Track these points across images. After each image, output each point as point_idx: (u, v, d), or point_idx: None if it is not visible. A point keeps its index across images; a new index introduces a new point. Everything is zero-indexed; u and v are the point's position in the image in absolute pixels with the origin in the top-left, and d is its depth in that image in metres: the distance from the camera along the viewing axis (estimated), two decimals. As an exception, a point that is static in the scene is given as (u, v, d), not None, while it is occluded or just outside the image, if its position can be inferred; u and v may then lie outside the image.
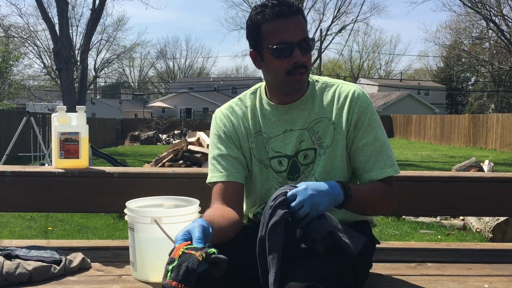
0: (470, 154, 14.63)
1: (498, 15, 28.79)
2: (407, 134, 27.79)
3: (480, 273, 1.79)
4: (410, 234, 4.91)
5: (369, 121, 1.54)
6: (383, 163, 1.52)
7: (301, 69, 1.47)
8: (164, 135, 25.40)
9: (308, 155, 1.57)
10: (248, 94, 1.66)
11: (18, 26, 31.56)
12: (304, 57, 1.47)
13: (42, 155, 8.84)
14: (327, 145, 1.55)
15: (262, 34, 1.48)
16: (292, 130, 1.57)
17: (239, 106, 1.65)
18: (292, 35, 1.44)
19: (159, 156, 7.37)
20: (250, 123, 1.61)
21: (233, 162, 1.58)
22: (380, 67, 63.94)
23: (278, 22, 1.45)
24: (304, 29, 1.48)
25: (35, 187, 2.06)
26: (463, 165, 6.58)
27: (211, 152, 1.62)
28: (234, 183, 1.56)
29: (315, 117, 1.56)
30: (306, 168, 1.57)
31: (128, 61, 58.79)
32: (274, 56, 1.47)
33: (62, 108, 2.15)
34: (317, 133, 1.56)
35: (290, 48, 1.45)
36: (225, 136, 1.61)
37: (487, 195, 2.14)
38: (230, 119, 1.63)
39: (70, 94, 15.24)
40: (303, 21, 1.49)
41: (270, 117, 1.59)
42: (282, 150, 1.57)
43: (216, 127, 1.64)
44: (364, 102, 1.55)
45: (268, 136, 1.59)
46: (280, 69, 1.48)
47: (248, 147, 1.61)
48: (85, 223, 5.32)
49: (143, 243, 1.66)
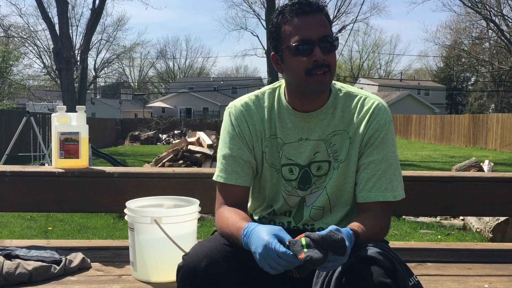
0: (470, 154, 14.63)
1: (498, 15, 28.80)
2: (407, 134, 27.79)
3: (480, 273, 1.79)
4: (410, 234, 4.91)
5: (383, 139, 1.48)
6: (384, 186, 1.46)
7: (323, 68, 1.40)
8: (164, 135, 25.40)
9: (322, 167, 1.52)
10: (267, 93, 1.57)
11: (18, 26, 31.59)
12: (325, 56, 1.39)
13: (42, 155, 8.83)
14: (341, 159, 1.50)
15: (282, 35, 1.43)
16: (308, 140, 1.51)
17: (256, 105, 1.55)
18: (312, 32, 1.38)
19: (159, 156, 7.38)
20: (266, 126, 1.54)
21: (243, 166, 1.52)
22: (380, 67, 64.00)
23: (297, 20, 1.40)
24: (326, 26, 1.41)
25: (35, 187, 2.06)
26: (463, 165, 6.58)
27: (222, 150, 1.55)
28: (242, 187, 1.52)
29: (333, 129, 1.50)
30: (318, 180, 1.53)
31: (128, 61, 58.83)
32: (293, 55, 1.40)
33: (62, 108, 2.15)
34: (334, 146, 1.50)
35: (310, 46, 1.38)
36: (238, 136, 1.53)
37: (487, 195, 2.14)
38: (245, 118, 1.54)
39: (70, 94, 15.25)
40: (325, 20, 1.42)
41: (287, 122, 1.52)
42: (294, 158, 1.52)
43: (230, 124, 1.55)
44: (383, 119, 1.49)
45: (282, 142, 1.53)
46: (300, 68, 1.40)
47: (261, 151, 1.55)
48: (85, 223, 5.31)
49: (143, 243, 1.67)
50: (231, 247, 1.35)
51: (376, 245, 1.31)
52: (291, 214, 1.58)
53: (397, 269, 1.25)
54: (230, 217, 1.41)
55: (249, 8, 35.45)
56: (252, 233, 1.24)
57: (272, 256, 1.15)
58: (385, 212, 1.47)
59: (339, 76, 52.93)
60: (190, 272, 1.28)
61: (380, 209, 1.46)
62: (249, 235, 1.25)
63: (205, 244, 1.36)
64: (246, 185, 1.53)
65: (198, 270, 1.27)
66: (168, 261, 1.63)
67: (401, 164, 1.55)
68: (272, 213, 1.60)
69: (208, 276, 1.27)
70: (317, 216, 1.56)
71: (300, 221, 1.57)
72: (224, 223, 1.42)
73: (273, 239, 1.17)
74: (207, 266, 1.27)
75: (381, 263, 1.23)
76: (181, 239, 1.60)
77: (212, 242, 1.37)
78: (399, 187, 1.49)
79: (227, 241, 1.38)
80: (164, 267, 1.65)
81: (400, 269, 1.26)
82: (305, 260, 1.11)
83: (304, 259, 1.11)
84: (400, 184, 1.50)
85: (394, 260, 1.27)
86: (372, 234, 1.37)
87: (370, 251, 1.27)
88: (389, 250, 1.31)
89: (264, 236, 1.19)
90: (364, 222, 1.38)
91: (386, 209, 1.47)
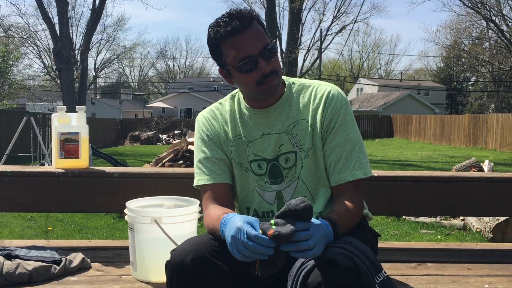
0: (470, 154, 14.63)
1: (498, 15, 28.79)
2: (407, 134, 27.78)
3: (480, 273, 1.79)
4: (410, 234, 4.91)
5: (342, 121, 1.53)
6: (352, 165, 1.51)
7: (270, 76, 1.47)
8: (164, 135, 25.40)
9: (289, 158, 1.56)
10: (228, 99, 1.67)
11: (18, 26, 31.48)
12: (270, 64, 1.46)
13: (42, 155, 8.83)
14: (308, 147, 1.55)
15: (224, 53, 1.48)
16: (270, 134, 1.57)
17: (220, 110, 1.66)
18: (251, 48, 1.44)
19: (159, 156, 7.38)
20: (230, 127, 1.62)
21: (219, 164, 1.59)
22: (380, 67, 63.99)
23: (234, 39, 1.44)
24: (262, 36, 1.47)
25: (35, 187, 2.06)
26: (463, 165, 6.58)
27: (196, 156, 1.63)
28: (223, 185, 1.58)
29: (292, 120, 1.56)
30: (289, 172, 1.57)
31: (128, 61, 58.76)
32: (240, 73, 1.47)
33: (62, 108, 2.15)
34: (296, 136, 1.56)
35: (254, 61, 1.44)
36: (208, 139, 1.62)
37: (487, 195, 2.14)
38: (211, 122, 1.64)
39: (70, 94, 15.26)
40: (260, 28, 1.47)
41: (249, 121, 1.60)
42: (261, 153, 1.58)
43: (199, 130, 1.65)
44: (338, 102, 1.55)
45: (247, 140, 1.59)
46: (250, 82, 1.48)
47: (229, 151, 1.62)
48: (85, 223, 5.31)
49: (143, 243, 1.67)
50: (218, 242, 1.38)
51: (339, 242, 1.30)
52: (274, 213, 1.58)
53: (361, 267, 1.24)
54: (214, 214, 1.46)
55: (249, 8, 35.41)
56: (228, 221, 1.29)
57: (241, 239, 1.20)
58: (357, 192, 1.51)
59: (339, 76, 52.94)
60: (177, 267, 1.31)
61: (353, 189, 1.50)
62: (226, 223, 1.30)
63: (192, 239, 1.42)
64: (226, 182, 1.59)
65: (185, 264, 1.30)
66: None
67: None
68: (255, 215, 1.60)
69: (195, 270, 1.30)
70: None
71: None
72: (209, 220, 1.46)
73: (246, 225, 1.22)
74: (193, 260, 1.30)
75: (342, 263, 1.23)
76: (181, 239, 1.60)
77: (199, 238, 1.43)
78: (367, 164, 1.54)
79: (214, 237, 1.41)
80: (164, 267, 1.64)
81: (364, 267, 1.25)
82: (274, 235, 1.15)
83: (273, 235, 1.15)
84: (367, 162, 1.55)
85: (357, 259, 1.26)
86: (349, 218, 1.43)
87: (331, 252, 1.26)
88: (353, 248, 1.29)
89: (238, 222, 1.24)
90: (338, 208, 1.43)
91: (358, 189, 1.52)
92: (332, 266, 1.23)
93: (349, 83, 50.50)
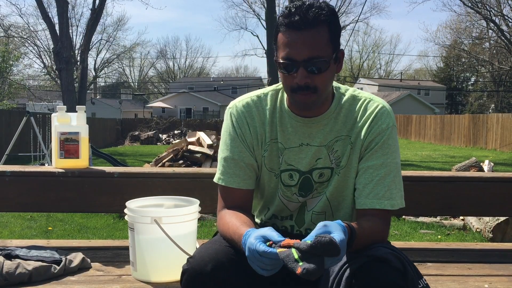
0: (470, 154, 14.62)
1: (498, 15, 28.80)
2: (407, 134, 27.79)
3: (480, 273, 1.79)
4: (410, 234, 4.91)
5: (383, 144, 1.43)
6: (382, 193, 1.41)
7: (304, 91, 1.35)
8: (164, 135, 25.39)
9: (324, 174, 1.48)
10: (270, 94, 1.52)
11: (18, 26, 31.58)
12: (309, 78, 1.33)
13: (42, 155, 8.83)
14: (343, 165, 1.47)
15: (277, 44, 1.38)
16: (309, 145, 1.47)
17: (257, 106, 1.51)
18: (297, 52, 1.32)
19: (159, 156, 7.37)
20: (267, 129, 1.49)
21: (245, 169, 1.49)
22: (380, 67, 64.00)
23: (287, 35, 1.33)
24: (316, 46, 1.32)
25: (35, 187, 2.06)
26: (463, 165, 6.58)
27: (223, 152, 1.52)
28: (244, 191, 1.50)
29: (336, 135, 1.46)
30: (320, 186, 1.50)
31: (128, 61, 58.80)
32: (280, 70, 1.38)
33: (62, 108, 2.15)
34: (336, 152, 1.47)
35: (295, 66, 1.34)
36: (239, 138, 1.50)
37: (487, 195, 2.14)
38: (246, 120, 1.50)
39: (70, 94, 15.24)
40: (323, 35, 1.33)
41: (288, 126, 1.48)
42: (295, 164, 1.49)
43: (231, 125, 1.51)
44: (385, 123, 1.44)
45: (283, 147, 1.49)
46: (286, 84, 1.39)
47: (260, 155, 1.51)
48: (85, 223, 5.31)
49: (143, 243, 1.66)
50: (235, 249, 1.33)
51: (387, 245, 1.30)
52: (293, 218, 1.56)
53: (408, 270, 1.24)
54: (230, 222, 1.39)
55: (249, 8, 35.50)
56: (246, 239, 1.22)
57: (256, 257, 1.14)
58: (382, 220, 1.41)
59: (339, 76, 52.92)
60: (196, 275, 1.25)
61: (378, 216, 1.41)
62: (245, 242, 1.23)
63: (210, 246, 1.34)
64: (249, 188, 1.51)
65: (204, 274, 1.24)
66: (168, 261, 1.63)
67: (401, 164, 1.54)
68: (274, 217, 1.58)
69: (214, 279, 1.24)
70: (318, 220, 1.53)
71: (302, 225, 1.55)
72: (225, 227, 1.40)
73: (257, 240, 1.15)
74: (213, 269, 1.25)
75: (392, 264, 1.22)
76: (181, 239, 1.60)
77: (218, 245, 1.35)
78: (398, 195, 1.44)
79: (229, 244, 1.36)
80: (164, 267, 1.65)
81: (411, 271, 1.25)
82: (302, 274, 1.07)
83: (302, 273, 1.07)
84: (400, 192, 1.45)
85: (405, 261, 1.26)
86: (370, 233, 1.33)
87: (382, 251, 1.25)
88: (399, 251, 1.29)
89: (252, 239, 1.17)
90: (360, 222, 1.34)
91: (383, 217, 1.42)
92: (383, 264, 1.22)
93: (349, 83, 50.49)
